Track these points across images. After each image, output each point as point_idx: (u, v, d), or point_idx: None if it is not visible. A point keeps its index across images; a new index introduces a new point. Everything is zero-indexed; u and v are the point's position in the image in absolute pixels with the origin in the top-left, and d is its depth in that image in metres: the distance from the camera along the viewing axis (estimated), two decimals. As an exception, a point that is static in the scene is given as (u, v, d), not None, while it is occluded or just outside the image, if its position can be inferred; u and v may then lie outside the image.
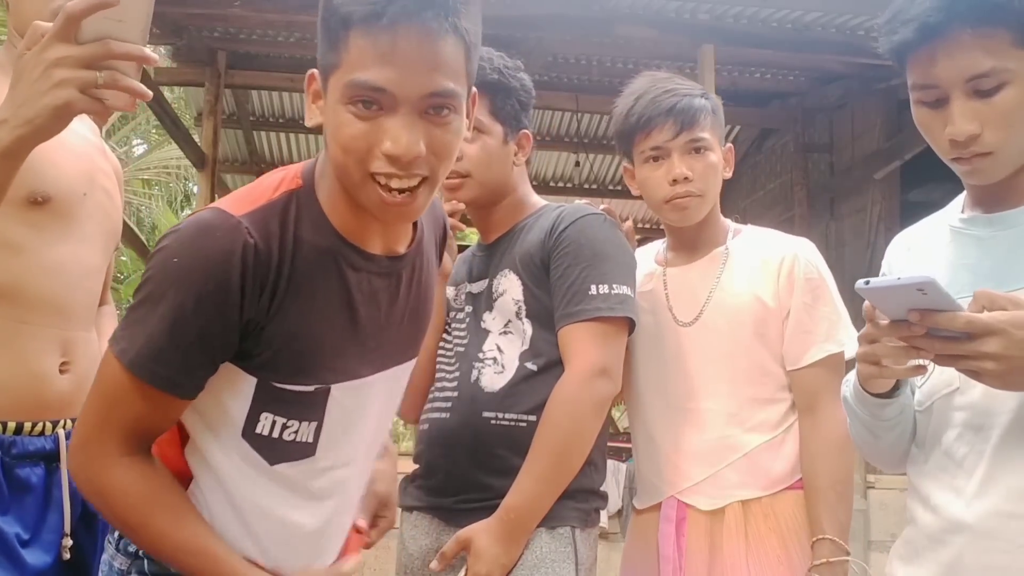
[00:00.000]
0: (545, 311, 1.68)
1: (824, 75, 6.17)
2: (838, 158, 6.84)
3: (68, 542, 1.46)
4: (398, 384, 1.33)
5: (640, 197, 1.83)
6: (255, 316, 1.13)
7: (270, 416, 1.18)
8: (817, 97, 6.55)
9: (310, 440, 1.21)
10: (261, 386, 1.17)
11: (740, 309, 1.75)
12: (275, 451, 1.19)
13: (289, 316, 1.15)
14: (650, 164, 1.77)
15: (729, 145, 1.86)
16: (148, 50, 1.09)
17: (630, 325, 1.68)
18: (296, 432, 1.20)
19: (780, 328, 1.73)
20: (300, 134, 7.45)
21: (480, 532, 1.55)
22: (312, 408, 1.20)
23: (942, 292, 1.03)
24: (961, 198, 1.33)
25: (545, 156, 7.82)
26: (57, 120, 1.09)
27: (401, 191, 1.11)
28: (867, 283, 1.07)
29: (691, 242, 1.84)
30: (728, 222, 1.89)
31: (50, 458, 1.46)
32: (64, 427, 1.48)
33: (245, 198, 1.16)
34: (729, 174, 1.84)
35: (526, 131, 1.81)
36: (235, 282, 1.10)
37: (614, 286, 1.64)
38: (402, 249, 1.25)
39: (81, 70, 1.05)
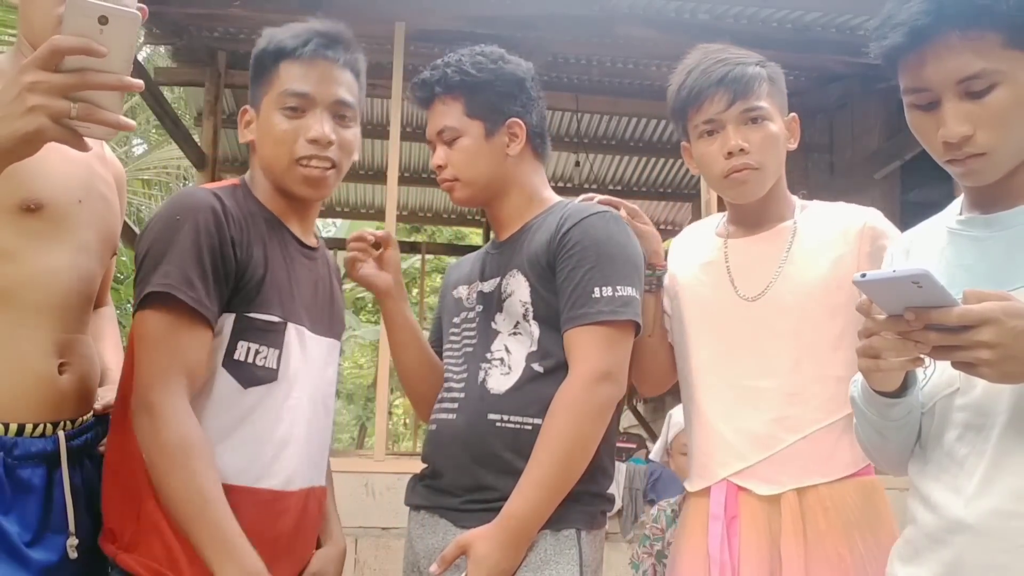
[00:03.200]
0: (553, 312, 1.66)
1: (824, 75, 6.18)
2: (838, 158, 6.84)
3: (74, 541, 1.45)
4: (326, 361, 1.66)
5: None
6: (239, 248, 1.49)
7: (246, 344, 1.50)
8: (817, 97, 6.55)
9: (274, 366, 1.53)
10: (238, 319, 1.50)
11: (813, 282, 1.63)
12: (248, 374, 1.50)
13: (256, 259, 1.53)
14: (705, 139, 1.68)
15: (793, 115, 1.75)
16: (129, 78, 1.07)
17: (635, 328, 1.66)
18: (265, 358, 1.52)
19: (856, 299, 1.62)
20: (300, 134, 7.45)
21: (480, 538, 1.54)
22: (276, 338, 1.53)
23: (937, 285, 1.03)
24: (959, 200, 1.34)
25: (545, 156, 7.81)
26: (26, 145, 1.09)
27: (319, 168, 1.57)
28: (864, 276, 1.07)
29: (755, 217, 1.74)
30: (795, 198, 1.78)
31: (51, 459, 1.46)
32: (64, 428, 1.48)
33: (201, 186, 1.58)
34: (794, 145, 1.73)
35: (515, 119, 1.77)
36: (220, 216, 1.48)
37: (618, 288, 1.62)
38: (313, 243, 1.68)
39: (54, 99, 1.05)
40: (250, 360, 1.50)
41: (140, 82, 1.08)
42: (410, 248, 9.61)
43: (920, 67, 1.19)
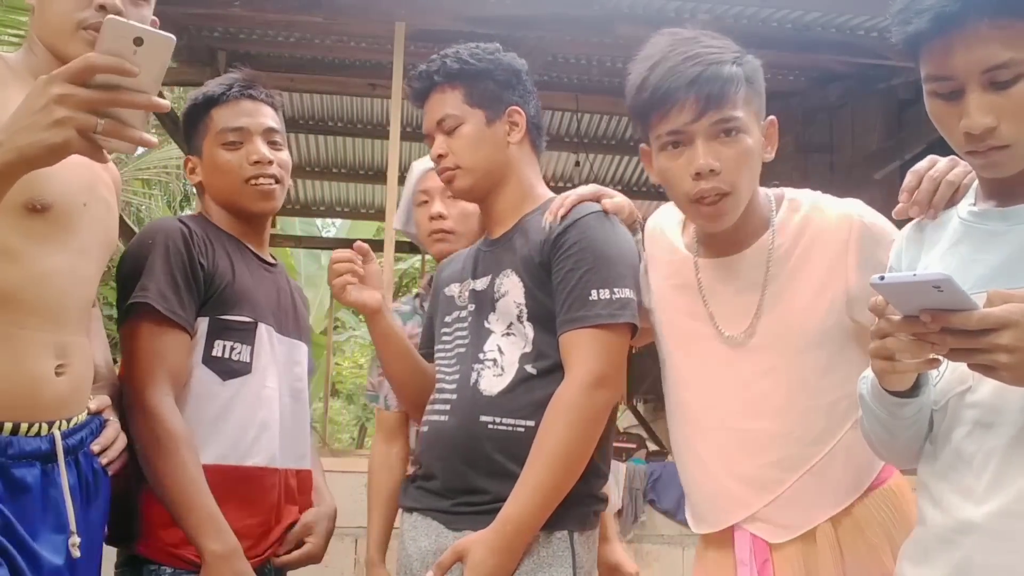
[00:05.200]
0: (547, 313, 1.65)
1: (824, 75, 6.17)
2: (838, 158, 6.83)
3: (76, 540, 1.45)
4: (294, 360, 1.89)
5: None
6: (206, 260, 1.74)
7: (221, 342, 1.74)
8: (817, 97, 6.54)
9: (248, 360, 1.76)
10: (212, 322, 1.74)
11: (799, 312, 1.49)
12: (226, 368, 1.74)
13: (222, 268, 1.77)
14: (668, 151, 1.46)
15: (771, 119, 1.51)
16: (158, 98, 1.09)
17: (632, 330, 1.65)
18: (240, 354, 1.76)
19: (854, 308, 1.46)
20: (299, 134, 7.45)
21: (476, 544, 1.54)
22: (247, 335, 1.77)
23: (958, 290, 1.01)
24: (972, 187, 1.31)
25: (545, 156, 7.73)
26: (51, 156, 1.10)
27: (268, 183, 1.83)
28: (882, 279, 1.04)
29: (725, 236, 1.54)
30: (767, 197, 1.56)
31: (45, 459, 1.45)
32: (59, 428, 1.48)
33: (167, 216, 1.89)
34: (770, 156, 1.51)
35: (515, 107, 1.77)
36: (186, 238, 1.74)
37: (615, 290, 1.61)
38: (271, 260, 1.94)
39: (82, 113, 1.06)
40: (226, 356, 1.74)
41: (167, 103, 1.12)
42: (410, 248, 9.59)
43: (945, 55, 1.16)
